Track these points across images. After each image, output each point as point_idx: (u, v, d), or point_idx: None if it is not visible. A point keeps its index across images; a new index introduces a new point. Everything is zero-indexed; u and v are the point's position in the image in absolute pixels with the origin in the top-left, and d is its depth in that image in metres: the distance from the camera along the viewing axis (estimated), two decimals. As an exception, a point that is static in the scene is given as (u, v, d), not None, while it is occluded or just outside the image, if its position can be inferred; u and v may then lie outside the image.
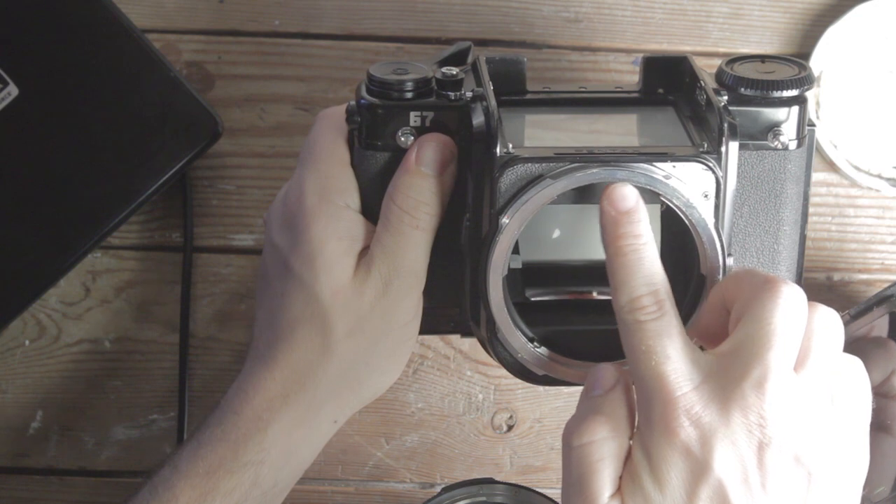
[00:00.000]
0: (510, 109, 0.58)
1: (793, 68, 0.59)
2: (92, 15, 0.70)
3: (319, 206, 0.57)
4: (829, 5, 0.75)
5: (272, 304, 0.58)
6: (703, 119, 0.56)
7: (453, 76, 0.57)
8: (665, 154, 0.54)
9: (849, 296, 0.73)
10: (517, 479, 0.70)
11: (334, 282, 0.57)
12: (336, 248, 0.57)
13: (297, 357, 0.57)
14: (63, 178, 0.70)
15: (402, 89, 0.57)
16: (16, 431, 0.72)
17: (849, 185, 0.74)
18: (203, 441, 0.57)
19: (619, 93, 0.61)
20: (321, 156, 0.58)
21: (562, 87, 0.60)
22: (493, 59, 0.59)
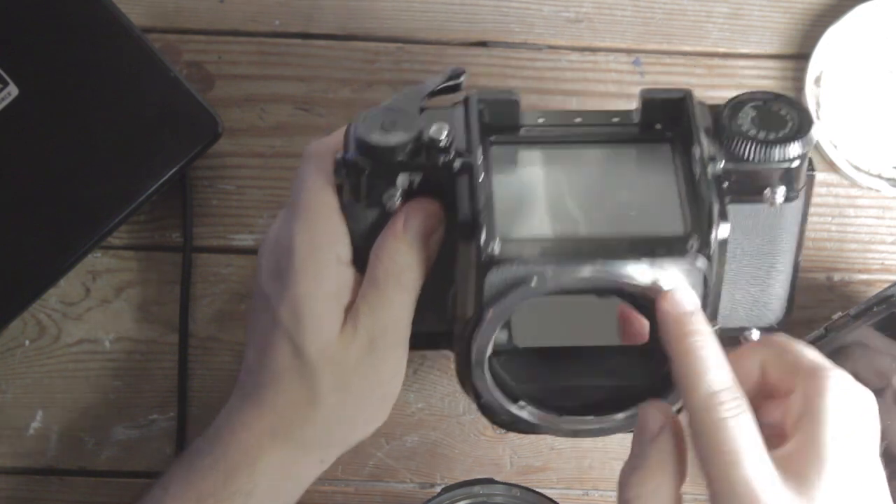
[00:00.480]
0: (501, 165, 0.55)
1: (795, 117, 0.56)
2: (92, 15, 0.70)
3: (309, 261, 0.57)
4: (829, 5, 0.75)
5: (260, 349, 0.59)
6: (697, 188, 0.55)
7: (440, 143, 0.55)
8: (654, 252, 0.53)
9: (849, 296, 0.73)
10: (517, 479, 0.70)
11: (321, 339, 0.57)
12: (324, 306, 0.57)
13: (284, 403, 0.58)
14: (63, 178, 0.70)
15: (390, 153, 0.55)
16: (16, 431, 0.72)
17: (849, 185, 0.74)
18: (194, 467, 0.59)
19: (615, 126, 0.58)
20: (310, 204, 0.57)
21: (556, 120, 0.58)
22: (485, 100, 0.56)
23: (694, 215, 0.54)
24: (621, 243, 0.53)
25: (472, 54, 0.75)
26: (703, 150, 0.54)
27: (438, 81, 0.58)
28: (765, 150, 0.55)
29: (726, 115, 0.56)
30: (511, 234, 0.53)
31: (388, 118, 0.55)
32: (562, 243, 0.53)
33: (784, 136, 0.55)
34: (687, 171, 0.55)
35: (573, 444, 0.72)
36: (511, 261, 0.52)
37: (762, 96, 0.56)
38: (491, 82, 0.74)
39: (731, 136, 0.55)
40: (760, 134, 0.55)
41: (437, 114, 0.56)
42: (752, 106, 0.56)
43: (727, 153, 0.55)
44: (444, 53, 0.75)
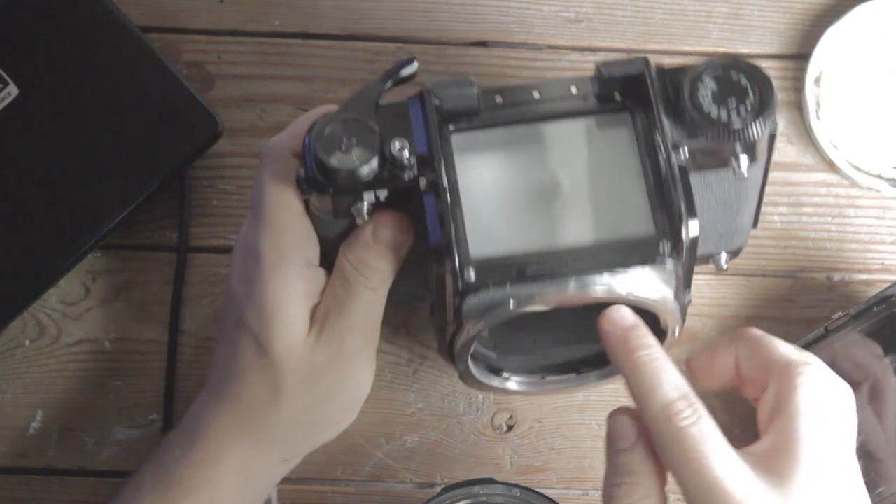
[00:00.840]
0: (464, 162, 0.55)
1: (756, 85, 0.55)
2: (92, 15, 0.70)
3: (277, 266, 0.57)
4: (829, 5, 0.75)
5: (228, 348, 0.59)
6: (664, 184, 0.54)
7: (403, 162, 0.54)
8: (626, 262, 0.53)
9: (849, 296, 0.73)
10: (517, 479, 0.70)
11: (289, 340, 0.58)
12: (292, 308, 0.58)
13: (248, 399, 0.59)
14: (63, 178, 0.70)
15: (352, 176, 0.54)
16: (16, 431, 0.72)
17: (849, 185, 0.74)
18: (164, 462, 0.59)
19: (574, 98, 0.57)
20: (273, 208, 0.57)
21: (514, 98, 0.57)
22: (441, 94, 0.55)
23: (662, 213, 0.54)
24: (594, 254, 0.54)
25: (472, 54, 0.75)
26: (665, 138, 0.54)
27: (391, 74, 0.57)
28: (728, 132, 0.55)
29: (687, 91, 0.55)
30: (484, 254, 0.54)
31: (346, 133, 0.55)
32: (536, 260, 0.54)
33: (746, 115, 0.55)
34: (652, 160, 0.55)
35: (573, 443, 0.72)
36: (487, 286, 0.53)
37: (720, 62, 0.56)
38: (491, 82, 0.74)
39: (693, 119, 0.55)
40: (722, 114, 0.55)
41: (395, 114, 0.56)
42: (711, 77, 0.55)
43: (690, 134, 0.55)
44: (444, 53, 0.75)
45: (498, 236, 0.54)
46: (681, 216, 0.53)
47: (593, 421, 0.72)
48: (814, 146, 0.74)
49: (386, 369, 0.72)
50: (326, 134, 0.55)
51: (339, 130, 0.55)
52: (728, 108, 0.55)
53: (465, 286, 0.53)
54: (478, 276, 0.53)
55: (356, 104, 0.56)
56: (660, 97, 0.55)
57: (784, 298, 0.73)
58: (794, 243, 0.73)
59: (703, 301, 0.72)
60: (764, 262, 0.73)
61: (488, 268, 0.53)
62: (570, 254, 0.54)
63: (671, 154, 0.54)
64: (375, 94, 0.56)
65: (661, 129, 0.54)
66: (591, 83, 0.56)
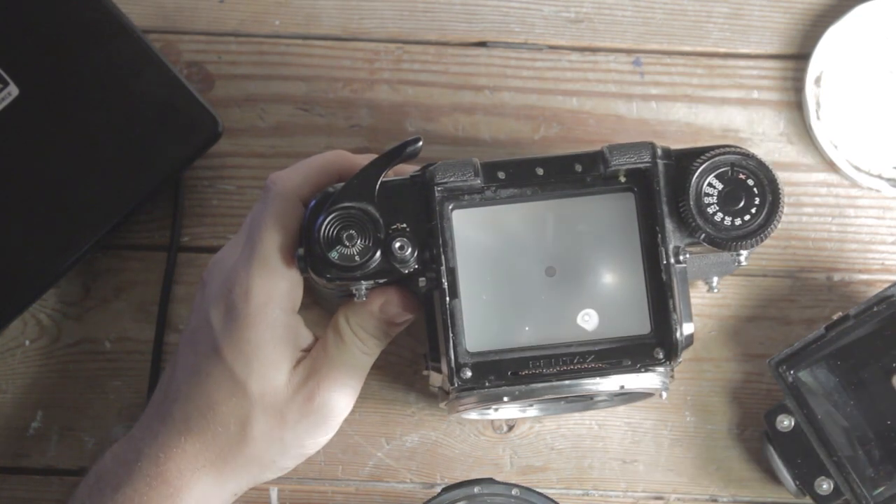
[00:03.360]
0: (464, 246, 0.56)
1: (761, 189, 0.56)
2: (92, 15, 0.70)
3: (265, 308, 0.57)
4: (829, 5, 0.75)
5: (195, 378, 0.58)
6: (662, 291, 0.55)
7: (405, 258, 0.55)
8: (620, 365, 0.55)
9: (849, 296, 0.73)
10: (517, 479, 0.70)
11: (266, 383, 0.57)
12: (274, 352, 0.58)
13: (212, 435, 0.58)
14: (63, 178, 0.69)
15: (353, 270, 0.55)
16: (16, 431, 0.72)
17: (849, 185, 0.74)
18: (107, 497, 0.58)
19: (578, 175, 0.57)
20: (270, 252, 0.57)
21: (517, 176, 0.56)
22: (443, 182, 0.55)
23: (658, 314, 0.55)
24: (588, 353, 0.55)
25: (472, 54, 0.75)
26: (667, 244, 0.55)
27: (396, 155, 0.57)
28: (734, 241, 0.56)
29: (692, 194, 0.55)
30: (481, 348, 0.55)
31: (348, 226, 0.55)
32: (531, 358, 0.55)
33: (752, 220, 0.55)
34: (652, 255, 0.55)
35: (573, 443, 0.72)
36: (483, 385, 0.55)
37: (728, 160, 0.56)
38: (491, 82, 0.74)
39: (698, 225, 0.55)
40: (726, 221, 0.55)
41: (397, 195, 0.56)
42: (717, 175, 0.55)
43: (693, 235, 0.56)
44: (444, 53, 0.75)
45: (495, 329, 0.56)
46: (675, 324, 0.55)
47: (593, 421, 0.72)
48: (814, 146, 0.74)
49: (386, 369, 0.72)
50: (328, 225, 0.55)
51: (342, 222, 0.55)
52: (734, 214, 0.56)
53: (461, 383, 0.55)
54: (474, 376, 0.55)
55: (358, 186, 0.55)
56: (665, 196, 0.55)
57: (784, 298, 0.73)
58: (794, 243, 0.73)
59: (704, 301, 0.72)
60: (764, 262, 0.73)
61: (484, 367, 0.55)
62: (565, 352, 0.55)
63: (671, 260, 0.55)
64: (378, 175, 0.56)
65: (663, 235, 0.55)
66: (596, 162, 0.56)
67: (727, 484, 0.72)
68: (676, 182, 0.55)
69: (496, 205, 0.56)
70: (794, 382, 0.67)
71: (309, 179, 0.57)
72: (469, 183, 0.55)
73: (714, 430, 0.72)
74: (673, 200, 0.55)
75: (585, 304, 0.56)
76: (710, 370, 0.72)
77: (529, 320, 0.56)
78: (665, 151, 0.56)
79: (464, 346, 0.55)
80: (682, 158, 0.56)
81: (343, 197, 0.55)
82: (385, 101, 0.74)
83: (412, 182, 0.56)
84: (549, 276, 0.56)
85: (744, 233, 0.55)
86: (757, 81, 0.75)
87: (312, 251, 0.55)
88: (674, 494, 0.72)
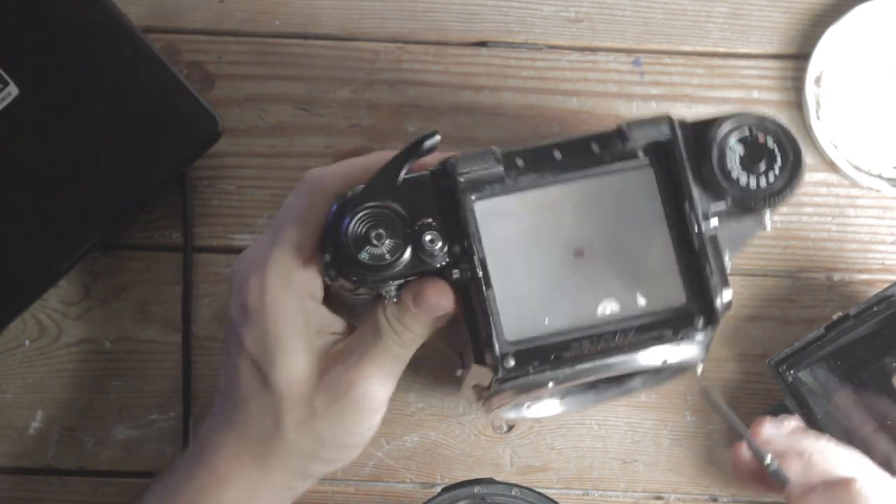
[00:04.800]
0: (490, 236, 0.55)
1: (782, 147, 0.55)
2: (92, 15, 0.70)
3: (282, 301, 0.56)
4: (829, 5, 0.75)
5: (230, 374, 0.59)
6: (696, 258, 0.55)
7: (436, 252, 0.54)
8: (661, 338, 0.55)
9: (849, 296, 0.73)
10: (517, 479, 0.70)
11: (290, 374, 0.57)
12: (297, 342, 0.57)
13: (251, 426, 0.58)
14: (63, 178, 0.69)
15: (383, 269, 0.54)
16: (16, 431, 0.72)
17: (849, 185, 0.74)
18: (170, 484, 0.60)
19: (596, 156, 0.56)
20: (290, 242, 0.56)
21: (535, 162, 0.56)
22: (465, 171, 0.55)
23: (694, 283, 0.55)
24: (628, 331, 0.54)
25: (472, 54, 0.75)
26: (696, 210, 0.55)
27: (414, 150, 0.55)
28: (760, 200, 0.55)
29: (715, 158, 0.55)
30: (520, 337, 0.55)
31: (376, 225, 0.54)
32: (572, 340, 0.54)
33: (776, 180, 0.55)
34: (680, 225, 0.55)
35: (573, 443, 0.72)
36: (527, 373, 0.54)
37: (747, 122, 0.55)
38: (491, 82, 0.74)
39: (723, 188, 0.55)
40: (751, 182, 0.55)
41: (418, 191, 0.55)
42: (738, 140, 0.55)
43: (718, 198, 0.55)
44: (444, 53, 0.75)
45: (531, 315, 0.55)
46: (715, 289, 0.54)
47: (593, 421, 0.72)
48: (814, 146, 0.74)
49: (386, 369, 0.72)
50: (356, 225, 0.54)
51: (369, 221, 0.54)
52: (758, 174, 0.55)
53: (505, 373, 0.54)
54: (517, 364, 0.54)
55: (380, 185, 0.54)
56: (688, 165, 0.55)
57: (784, 298, 0.73)
58: (794, 243, 0.73)
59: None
60: (764, 262, 0.73)
61: (526, 354, 0.54)
62: (605, 330, 0.55)
63: (702, 226, 0.54)
64: (398, 171, 0.55)
65: (691, 202, 0.55)
66: (614, 141, 0.56)
67: (727, 484, 0.72)
68: (696, 151, 0.55)
69: (517, 192, 0.55)
70: (794, 382, 0.67)
71: (347, 178, 0.56)
72: (491, 171, 0.55)
73: (714, 430, 0.72)
74: (696, 169, 0.55)
75: (617, 282, 0.55)
76: (710, 370, 0.72)
77: (564, 303, 0.55)
78: (683, 123, 0.56)
79: (504, 336, 0.54)
80: (701, 126, 0.56)
81: (367, 197, 0.54)
82: (385, 101, 0.74)
83: (432, 176, 0.55)
84: (578, 258, 0.56)
85: (770, 192, 0.55)
86: (757, 81, 0.75)
87: (341, 254, 0.54)
88: (674, 494, 0.72)
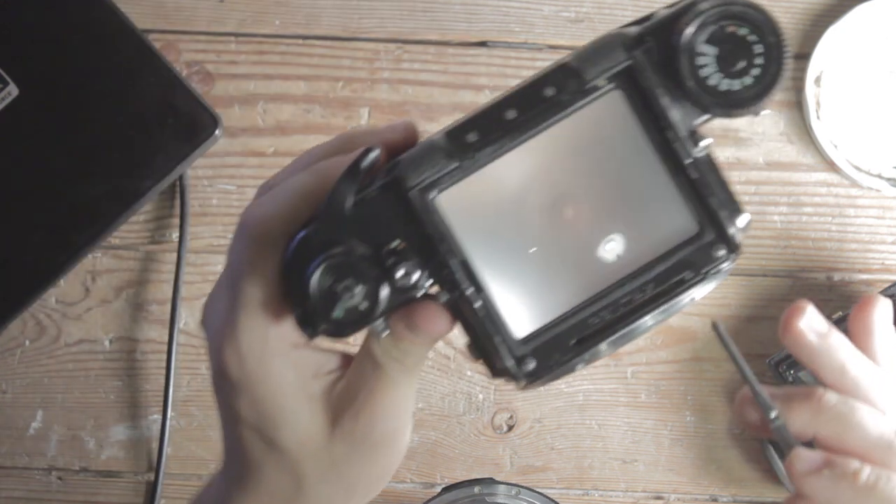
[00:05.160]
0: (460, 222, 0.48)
1: (759, 37, 0.47)
2: (92, 15, 0.70)
3: (265, 365, 0.51)
4: (829, 5, 0.75)
5: (231, 439, 0.54)
6: (695, 185, 0.48)
7: (412, 283, 0.48)
8: (683, 285, 0.48)
9: (849, 296, 0.73)
10: (517, 479, 0.70)
11: (299, 432, 0.52)
12: (294, 400, 0.52)
13: (270, 492, 0.54)
14: (63, 177, 0.69)
15: (361, 318, 0.48)
16: (16, 431, 0.72)
17: (849, 185, 0.74)
18: None
19: (551, 102, 0.48)
20: (253, 302, 0.50)
21: (489, 130, 0.48)
22: (414, 176, 0.48)
23: (703, 212, 0.48)
24: (646, 286, 0.48)
25: (472, 54, 0.75)
26: (682, 140, 0.47)
27: (354, 173, 0.49)
28: (748, 101, 0.47)
29: (686, 69, 0.47)
30: (532, 330, 0.48)
31: (338, 273, 0.48)
32: (589, 314, 0.48)
33: (762, 74, 0.48)
34: (671, 156, 0.48)
35: (573, 443, 0.72)
36: (551, 368, 0.48)
37: (710, 16, 0.47)
38: (491, 82, 0.74)
39: (705, 101, 0.47)
40: (735, 84, 0.47)
41: (372, 214, 0.48)
42: (706, 40, 0.48)
43: (703, 110, 0.47)
44: (444, 53, 0.75)
45: (536, 302, 0.49)
46: (728, 219, 0.48)
47: (593, 421, 0.72)
48: (814, 146, 0.74)
49: (386, 369, 0.72)
50: (317, 283, 0.48)
51: (331, 275, 0.48)
52: (740, 74, 0.48)
53: (527, 376, 0.48)
54: (538, 366, 0.48)
55: (329, 221, 0.48)
56: (660, 87, 0.48)
57: (784, 298, 0.73)
58: (794, 243, 0.73)
59: (704, 301, 0.72)
60: (764, 262, 0.73)
61: (544, 349, 0.48)
62: (620, 292, 0.48)
63: (693, 155, 0.48)
64: (344, 201, 0.48)
65: (675, 132, 0.48)
66: (568, 78, 0.48)
67: (727, 484, 0.72)
68: (665, 62, 0.48)
69: (480, 169, 0.48)
70: (794, 382, 0.67)
71: (289, 216, 0.50)
72: (443, 170, 0.48)
73: (714, 430, 0.72)
74: (669, 85, 0.48)
75: (616, 231, 0.48)
76: (710, 370, 0.72)
77: (566, 275, 0.49)
78: (637, 37, 0.48)
79: (513, 338, 0.48)
80: (658, 33, 0.48)
81: (319, 242, 0.48)
82: (385, 100, 0.74)
83: (382, 190, 0.48)
84: (567, 217, 0.49)
85: (760, 89, 0.48)
86: (757, 81, 0.75)
87: (312, 317, 0.48)
88: (674, 494, 0.72)
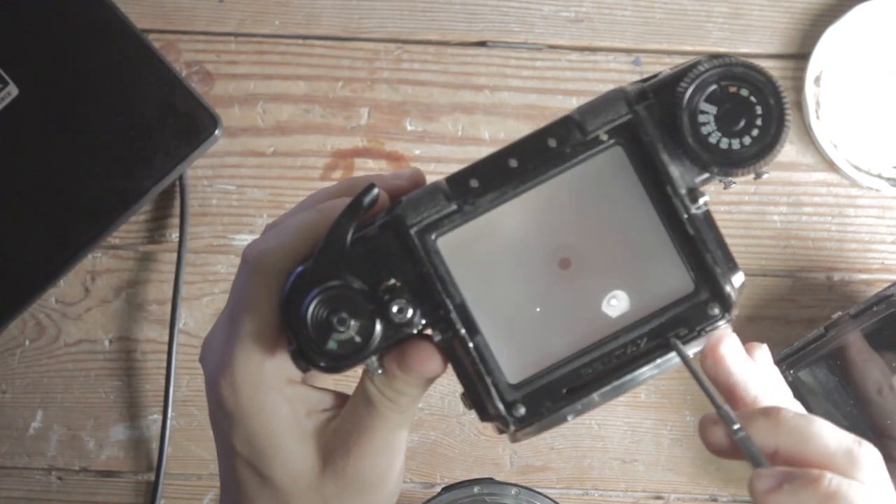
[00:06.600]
0: (464, 276, 0.48)
1: (759, 98, 0.49)
2: (92, 15, 0.70)
3: (260, 399, 0.51)
4: (829, 5, 0.75)
5: (227, 471, 0.54)
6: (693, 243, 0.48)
7: (408, 320, 0.48)
8: (679, 337, 0.49)
9: (849, 295, 0.73)
10: (517, 479, 0.70)
11: (291, 469, 0.53)
12: (287, 437, 0.52)
13: None
14: (63, 178, 0.70)
15: (355, 353, 0.48)
16: (16, 431, 0.72)
17: (849, 185, 0.74)
18: None
19: (553, 153, 0.49)
20: (250, 336, 0.51)
21: (491, 178, 0.49)
22: (417, 222, 0.48)
23: (700, 269, 0.48)
24: (640, 340, 0.49)
25: (472, 54, 0.75)
26: (680, 195, 0.48)
27: (355, 211, 0.49)
28: (748, 161, 0.49)
29: (687, 127, 0.48)
30: (525, 376, 0.49)
31: (334, 305, 0.48)
32: (582, 365, 0.48)
33: (761, 135, 0.49)
34: (665, 204, 0.48)
35: (573, 443, 0.72)
36: (541, 415, 0.48)
37: (712, 76, 0.48)
38: (491, 82, 0.74)
39: (704, 159, 0.48)
40: (734, 143, 0.48)
41: (370, 251, 0.49)
42: (706, 99, 0.48)
43: (703, 169, 0.48)
44: (444, 53, 0.75)
45: (529, 350, 0.49)
46: (723, 277, 0.48)
47: (593, 421, 0.72)
48: (814, 146, 0.74)
49: (386, 369, 0.72)
50: (313, 314, 0.48)
51: (327, 306, 0.49)
52: (739, 134, 0.49)
53: (517, 422, 0.48)
54: (528, 412, 0.48)
55: (328, 257, 0.49)
56: (660, 143, 0.48)
57: (784, 298, 0.73)
58: (794, 243, 0.73)
59: (703, 301, 0.72)
60: (764, 262, 0.73)
61: (535, 396, 0.48)
62: (614, 344, 0.49)
63: (690, 211, 0.48)
64: (344, 236, 0.49)
65: (673, 187, 0.48)
66: (571, 131, 0.49)
67: (727, 484, 0.72)
68: (666, 119, 0.48)
69: (481, 216, 0.49)
70: (794, 382, 0.67)
71: (290, 252, 0.51)
72: (443, 212, 0.48)
73: (714, 430, 0.72)
74: (669, 142, 0.48)
75: (613, 285, 0.49)
76: (710, 370, 0.72)
77: (561, 325, 0.49)
78: (640, 92, 0.48)
79: (505, 382, 0.48)
80: (661, 90, 0.48)
81: (317, 276, 0.49)
82: (385, 100, 0.74)
83: (382, 228, 0.49)
84: (565, 268, 0.50)
85: (760, 149, 0.49)
86: (757, 81, 0.75)
87: (306, 346, 0.49)
88: (674, 494, 0.72)
